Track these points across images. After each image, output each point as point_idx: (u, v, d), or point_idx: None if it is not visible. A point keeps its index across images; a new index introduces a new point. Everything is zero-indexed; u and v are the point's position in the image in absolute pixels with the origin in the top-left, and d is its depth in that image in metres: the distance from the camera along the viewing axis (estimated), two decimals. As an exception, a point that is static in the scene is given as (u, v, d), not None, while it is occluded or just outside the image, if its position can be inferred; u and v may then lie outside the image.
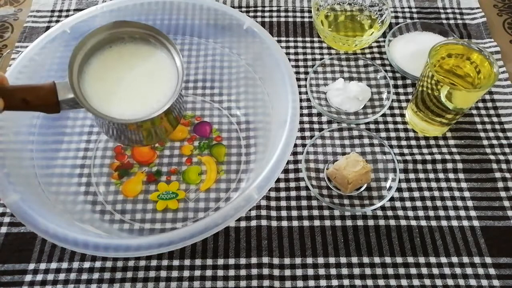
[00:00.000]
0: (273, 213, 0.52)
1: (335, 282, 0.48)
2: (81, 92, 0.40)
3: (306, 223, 0.52)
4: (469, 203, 0.53)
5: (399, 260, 0.49)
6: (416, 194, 0.54)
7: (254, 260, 0.49)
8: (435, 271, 0.49)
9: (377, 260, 0.49)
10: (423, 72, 0.53)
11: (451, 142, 0.58)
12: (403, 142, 0.58)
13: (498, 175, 0.55)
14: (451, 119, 0.56)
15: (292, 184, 0.55)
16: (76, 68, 0.40)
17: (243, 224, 0.52)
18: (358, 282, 0.48)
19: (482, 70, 0.52)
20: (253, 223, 0.51)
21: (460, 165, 0.56)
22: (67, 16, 0.71)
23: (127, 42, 0.43)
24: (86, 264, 0.49)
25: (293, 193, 0.54)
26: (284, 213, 0.52)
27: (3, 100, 0.36)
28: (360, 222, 0.52)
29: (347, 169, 0.52)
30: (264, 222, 0.51)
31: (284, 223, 0.52)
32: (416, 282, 0.48)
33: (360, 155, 0.54)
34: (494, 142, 0.58)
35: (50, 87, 0.38)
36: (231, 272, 0.48)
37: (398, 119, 0.61)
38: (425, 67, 0.52)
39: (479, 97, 0.57)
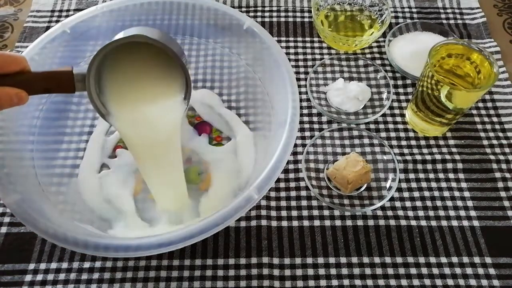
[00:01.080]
0: (273, 213, 0.52)
1: (335, 282, 0.48)
2: (98, 97, 0.40)
3: (306, 223, 0.52)
4: (469, 203, 0.53)
5: (399, 260, 0.49)
6: (416, 194, 0.54)
7: (254, 260, 0.49)
8: (435, 271, 0.49)
9: (377, 260, 0.49)
10: (423, 72, 0.53)
11: (451, 142, 0.58)
12: (403, 142, 0.58)
13: (498, 175, 0.55)
14: (451, 119, 0.56)
15: (292, 184, 0.55)
16: (94, 70, 0.39)
17: (243, 224, 0.51)
18: (358, 282, 0.48)
19: (482, 70, 0.52)
20: (253, 223, 0.51)
21: (460, 165, 0.56)
22: (67, 16, 0.71)
23: (147, 49, 0.41)
24: (86, 264, 0.49)
25: (293, 193, 0.54)
26: (284, 213, 0.52)
27: (25, 90, 0.37)
28: (360, 222, 0.52)
29: (347, 169, 0.52)
30: (264, 222, 0.51)
31: (284, 223, 0.52)
32: (416, 282, 0.48)
33: (360, 155, 0.54)
34: (494, 142, 0.58)
35: (69, 76, 0.38)
36: (231, 272, 0.48)
37: (398, 119, 0.61)
38: (425, 67, 0.52)
39: (479, 97, 0.57)
